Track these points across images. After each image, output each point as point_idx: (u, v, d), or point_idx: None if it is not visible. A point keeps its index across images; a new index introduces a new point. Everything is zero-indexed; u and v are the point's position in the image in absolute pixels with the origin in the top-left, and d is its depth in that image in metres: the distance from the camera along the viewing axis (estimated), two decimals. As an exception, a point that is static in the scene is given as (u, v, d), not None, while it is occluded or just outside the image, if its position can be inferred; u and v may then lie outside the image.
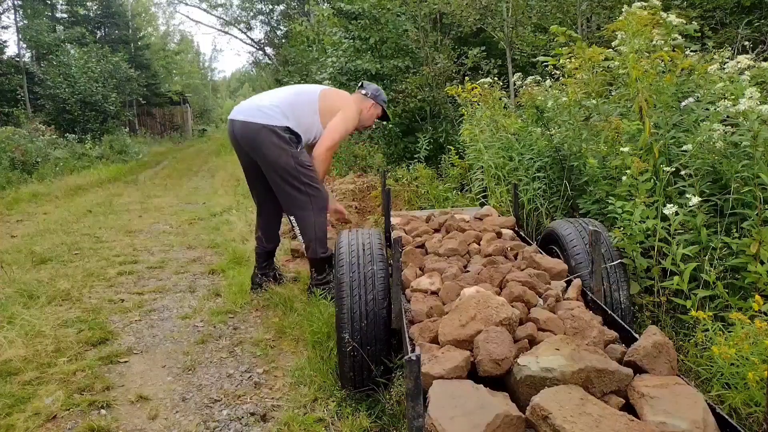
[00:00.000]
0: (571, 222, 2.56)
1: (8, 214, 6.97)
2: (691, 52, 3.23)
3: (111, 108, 17.03)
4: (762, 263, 2.15)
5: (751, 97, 2.29)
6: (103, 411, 2.24)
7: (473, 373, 1.49)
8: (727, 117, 2.51)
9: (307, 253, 3.25)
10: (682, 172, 2.53)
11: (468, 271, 2.24)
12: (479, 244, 2.61)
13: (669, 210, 2.32)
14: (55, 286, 3.75)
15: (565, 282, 2.12)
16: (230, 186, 8.93)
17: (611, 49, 3.27)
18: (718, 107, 2.49)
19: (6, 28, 19.97)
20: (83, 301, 3.52)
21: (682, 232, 2.45)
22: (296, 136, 3.12)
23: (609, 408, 1.28)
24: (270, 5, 24.51)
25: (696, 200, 2.31)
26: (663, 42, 2.96)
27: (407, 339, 1.76)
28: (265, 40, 25.99)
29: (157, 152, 18.38)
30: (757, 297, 1.83)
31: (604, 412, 1.25)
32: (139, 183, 10.37)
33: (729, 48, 3.66)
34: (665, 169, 2.55)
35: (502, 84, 5.11)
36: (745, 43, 4.09)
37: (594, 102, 3.50)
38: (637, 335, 1.60)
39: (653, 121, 2.80)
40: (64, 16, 24.07)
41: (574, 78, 3.67)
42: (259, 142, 3.06)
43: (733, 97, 2.51)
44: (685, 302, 2.26)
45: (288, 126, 3.08)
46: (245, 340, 2.91)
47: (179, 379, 2.52)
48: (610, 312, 1.85)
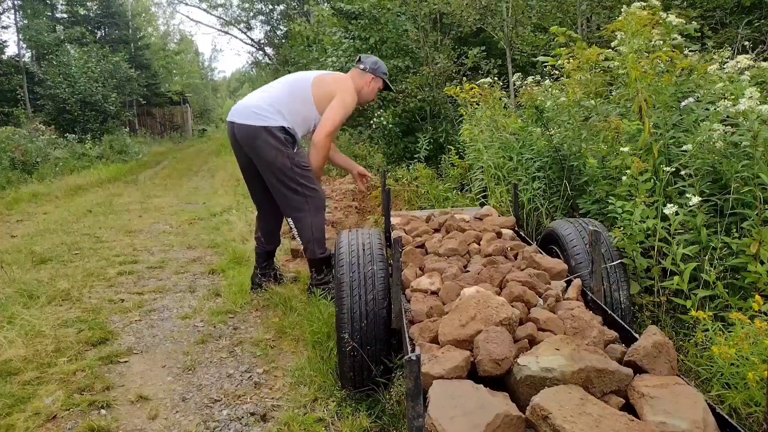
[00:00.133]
0: (571, 222, 2.56)
1: (8, 214, 6.97)
2: (690, 52, 3.23)
3: (111, 108, 17.03)
4: (762, 263, 2.15)
5: (751, 97, 2.29)
6: (103, 411, 2.24)
7: (473, 373, 1.49)
8: (727, 117, 2.51)
9: (305, 254, 3.25)
10: (682, 172, 2.53)
11: (468, 271, 2.24)
12: (479, 244, 2.61)
13: (669, 210, 2.32)
14: (55, 286, 3.75)
15: (565, 282, 2.12)
16: (230, 186, 8.93)
17: (611, 49, 3.27)
18: (717, 107, 2.49)
19: (6, 28, 20.04)
20: (83, 301, 3.53)
21: (682, 232, 2.45)
22: (292, 136, 3.10)
23: (609, 408, 1.28)
24: (270, 5, 24.52)
25: (696, 200, 2.31)
26: (662, 42, 2.96)
27: (407, 339, 1.76)
28: (265, 40, 26.02)
29: (157, 152, 18.38)
30: (757, 297, 1.83)
31: (604, 412, 1.25)
32: (139, 183, 10.37)
33: (729, 48, 3.66)
34: (665, 169, 2.55)
35: (502, 84, 5.11)
36: (745, 43, 4.09)
37: (592, 102, 3.51)
38: (637, 335, 1.60)
39: (653, 121, 2.80)
40: (64, 16, 24.09)
41: (573, 78, 3.67)
42: (255, 144, 3.05)
43: (732, 97, 2.50)
44: (685, 302, 2.26)
45: (283, 125, 3.06)
46: (245, 340, 2.91)
47: (179, 379, 2.52)
48: (610, 312, 1.85)
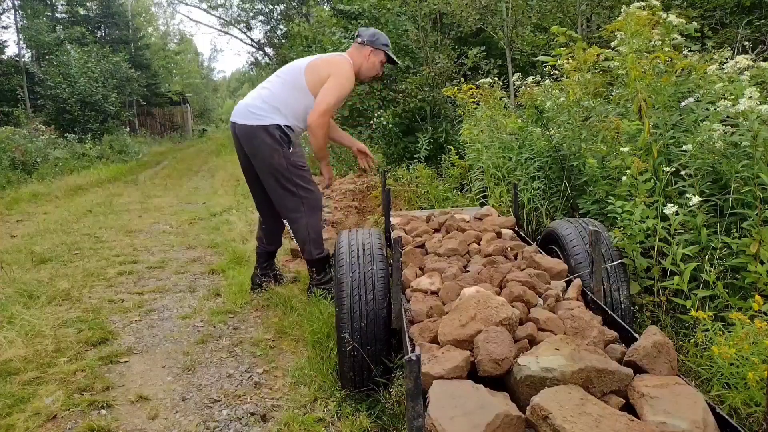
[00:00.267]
0: (571, 222, 2.56)
1: (8, 214, 6.97)
2: (690, 52, 3.23)
3: (111, 108, 17.03)
4: (762, 263, 2.15)
5: (750, 97, 2.29)
6: (103, 411, 2.24)
7: (473, 373, 1.49)
8: (727, 117, 2.51)
9: (302, 255, 3.25)
10: (682, 172, 2.53)
11: (468, 271, 2.24)
12: (479, 244, 2.61)
13: (669, 210, 2.32)
14: (55, 286, 3.75)
15: (565, 282, 2.12)
16: (230, 186, 8.93)
17: (611, 49, 3.27)
18: (717, 107, 2.49)
19: (6, 28, 20.04)
20: (83, 301, 3.53)
21: (682, 232, 2.45)
22: (287, 136, 3.08)
23: (609, 408, 1.28)
24: (270, 5, 24.52)
25: (696, 200, 2.31)
26: (662, 42, 2.96)
27: (407, 339, 1.76)
28: (265, 40, 26.03)
29: (157, 152, 18.38)
30: (757, 297, 1.83)
31: (604, 412, 1.25)
32: (139, 183, 10.37)
33: (729, 48, 3.66)
34: (665, 169, 2.55)
35: (502, 84, 5.11)
36: (745, 43, 4.09)
37: (592, 103, 3.50)
38: (637, 335, 1.60)
39: (653, 121, 2.80)
40: (64, 16, 24.09)
41: (573, 78, 3.67)
42: (254, 144, 3.06)
43: (732, 97, 2.51)
44: (685, 302, 2.26)
45: (279, 123, 3.05)
46: (245, 340, 2.91)
47: (179, 379, 2.52)
48: (610, 312, 1.85)
